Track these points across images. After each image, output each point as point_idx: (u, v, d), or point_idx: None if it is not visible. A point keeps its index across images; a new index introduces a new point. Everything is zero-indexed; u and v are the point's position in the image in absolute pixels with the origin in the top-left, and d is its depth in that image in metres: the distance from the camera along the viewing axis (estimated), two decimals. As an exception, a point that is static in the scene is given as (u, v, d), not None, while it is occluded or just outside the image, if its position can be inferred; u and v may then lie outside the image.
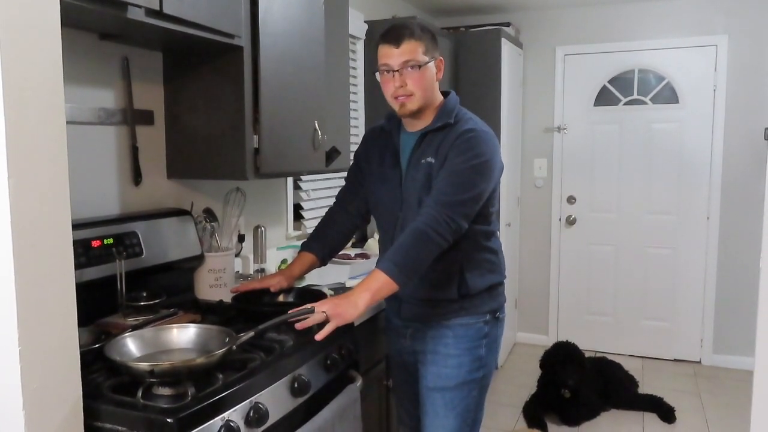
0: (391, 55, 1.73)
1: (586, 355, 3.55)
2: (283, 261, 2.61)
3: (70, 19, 1.52)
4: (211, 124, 1.96)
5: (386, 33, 1.75)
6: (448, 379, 1.83)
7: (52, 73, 1.11)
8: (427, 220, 1.64)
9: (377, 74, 1.79)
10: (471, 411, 1.86)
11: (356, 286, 1.64)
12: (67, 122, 1.17)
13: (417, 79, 1.73)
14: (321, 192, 3.12)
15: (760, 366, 1.67)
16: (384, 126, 1.92)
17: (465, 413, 1.85)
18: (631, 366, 3.99)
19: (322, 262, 1.99)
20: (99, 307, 1.67)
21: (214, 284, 2.07)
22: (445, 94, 1.86)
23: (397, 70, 1.73)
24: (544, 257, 4.67)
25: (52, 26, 1.11)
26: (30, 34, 1.07)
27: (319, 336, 1.56)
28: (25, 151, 1.06)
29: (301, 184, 2.97)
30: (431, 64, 1.76)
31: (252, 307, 1.84)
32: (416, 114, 1.79)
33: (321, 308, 1.57)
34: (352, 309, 1.57)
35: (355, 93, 3.36)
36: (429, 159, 1.76)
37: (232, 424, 1.28)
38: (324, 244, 2.00)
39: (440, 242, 1.64)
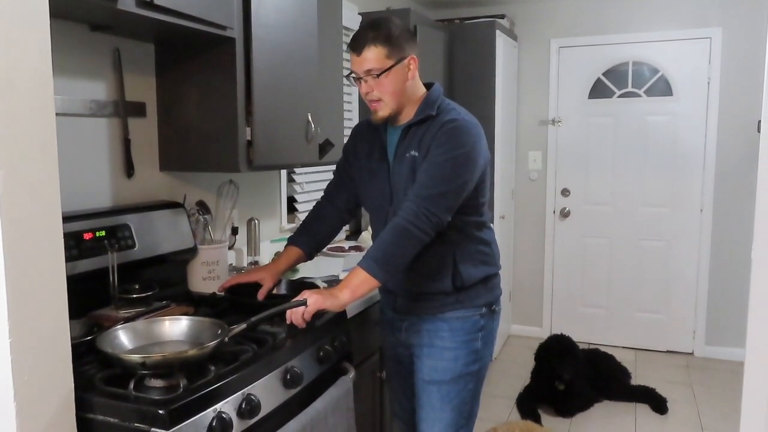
0: (355, 63, 1.74)
1: (580, 346, 3.57)
2: (277, 253, 2.61)
3: (60, 10, 1.51)
4: (204, 116, 1.95)
5: (351, 38, 1.76)
6: (444, 373, 1.83)
7: (41, 65, 1.10)
8: (407, 214, 1.64)
9: (351, 78, 1.79)
10: (467, 404, 1.87)
11: (339, 283, 1.66)
12: (59, 114, 1.17)
13: (382, 85, 1.73)
14: (315, 185, 3.11)
15: (751, 357, 1.68)
16: (371, 121, 1.92)
17: (461, 406, 1.85)
18: (624, 357, 4.01)
19: (309, 256, 1.99)
20: (91, 299, 1.67)
21: (207, 277, 2.07)
22: (429, 85, 1.85)
23: (363, 77, 1.73)
24: (539, 250, 4.68)
25: (41, 17, 1.10)
26: (18, 24, 1.06)
27: (301, 323, 1.60)
28: (14, 143, 1.06)
29: (295, 177, 2.97)
30: (398, 67, 1.72)
31: (245, 300, 1.84)
32: (391, 118, 1.80)
33: (302, 297, 1.60)
34: (332, 299, 1.60)
35: (348, 85, 3.34)
36: (413, 152, 1.75)
37: (224, 415, 1.28)
38: (311, 238, 1.99)
39: (421, 237, 1.64)
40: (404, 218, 1.64)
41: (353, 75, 1.77)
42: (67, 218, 1.47)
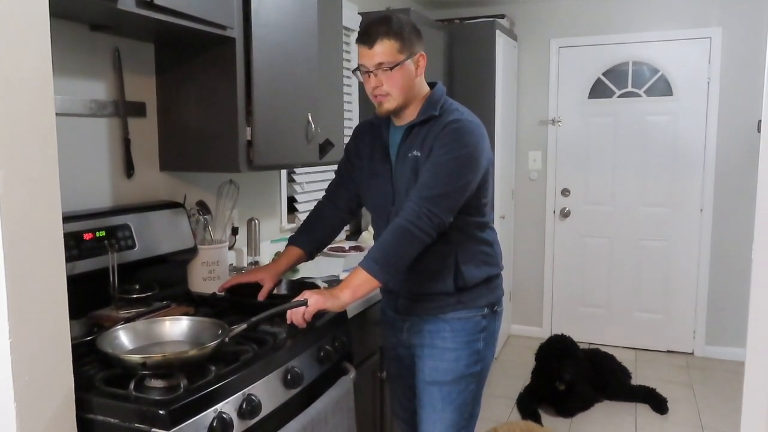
0: (366, 56, 1.72)
1: (580, 346, 3.57)
2: (277, 253, 2.61)
3: (60, 10, 1.51)
4: (204, 116, 1.95)
5: (362, 32, 1.75)
6: (446, 373, 1.83)
7: (41, 65, 1.10)
8: (408, 215, 1.64)
9: (357, 72, 1.78)
10: (468, 405, 1.86)
11: (340, 284, 1.66)
12: (59, 114, 1.16)
13: (392, 79, 1.72)
14: (315, 185, 3.11)
15: (752, 357, 1.68)
16: (373, 120, 1.91)
17: (462, 407, 1.85)
18: (624, 357, 4.01)
19: (310, 256, 1.98)
20: (91, 299, 1.67)
21: (208, 277, 2.07)
22: (432, 85, 1.84)
23: (373, 71, 1.72)
24: (539, 250, 4.68)
25: (41, 17, 1.10)
26: (18, 24, 1.06)
27: (301, 323, 1.59)
28: (14, 143, 1.06)
29: (295, 177, 2.97)
30: (408, 62, 1.73)
31: (245, 300, 1.84)
32: (396, 112, 1.79)
33: (303, 297, 1.60)
34: (333, 300, 1.60)
35: (348, 85, 3.35)
36: (415, 152, 1.75)
37: (224, 416, 1.28)
38: (312, 238, 1.99)
39: (422, 237, 1.64)
40: (406, 219, 1.64)
41: (362, 68, 1.75)
42: (67, 218, 1.47)
